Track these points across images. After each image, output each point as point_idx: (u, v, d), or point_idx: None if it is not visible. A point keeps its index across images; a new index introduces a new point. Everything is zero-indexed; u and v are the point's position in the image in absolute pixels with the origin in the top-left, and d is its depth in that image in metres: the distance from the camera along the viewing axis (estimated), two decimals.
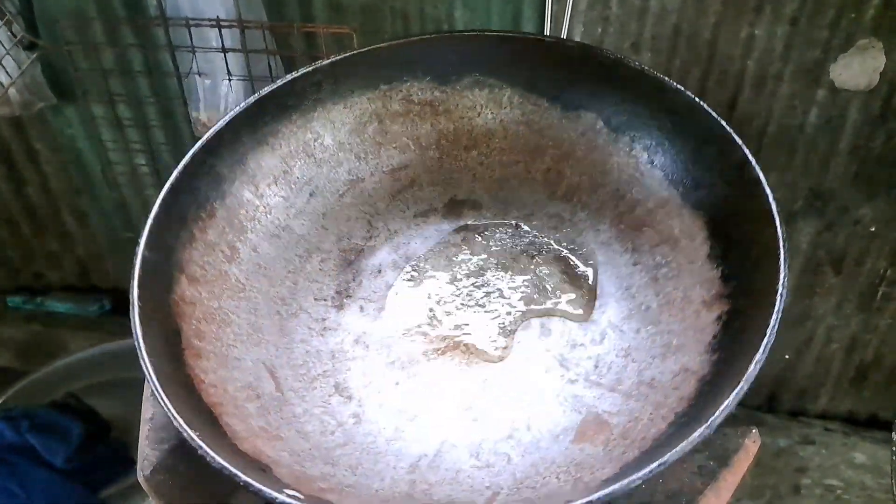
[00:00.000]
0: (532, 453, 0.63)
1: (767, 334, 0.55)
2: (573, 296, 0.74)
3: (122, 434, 1.22)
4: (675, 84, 0.72)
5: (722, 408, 0.52)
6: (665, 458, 0.51)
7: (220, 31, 1.06)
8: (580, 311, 0.73)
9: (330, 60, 0.77)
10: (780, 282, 0.58)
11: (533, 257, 0.78)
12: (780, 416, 1.44)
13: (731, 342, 0.62)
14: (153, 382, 0.56)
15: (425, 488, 0.60)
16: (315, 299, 0.74)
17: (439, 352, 0.71)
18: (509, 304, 0.75)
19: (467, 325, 0.74)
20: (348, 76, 0.79)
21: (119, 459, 1.19)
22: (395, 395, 0.68)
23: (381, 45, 0.78)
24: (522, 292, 0.75)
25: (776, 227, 0.61)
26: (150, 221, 0.65)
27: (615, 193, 0.77)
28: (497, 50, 0.79)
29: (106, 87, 1.22)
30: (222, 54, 1.08)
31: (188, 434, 0.53)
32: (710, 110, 0.69)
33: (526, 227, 0.80)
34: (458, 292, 0.76)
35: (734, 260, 0.66)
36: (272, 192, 0.76)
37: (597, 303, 0.73)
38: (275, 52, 1.12)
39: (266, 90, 0.75)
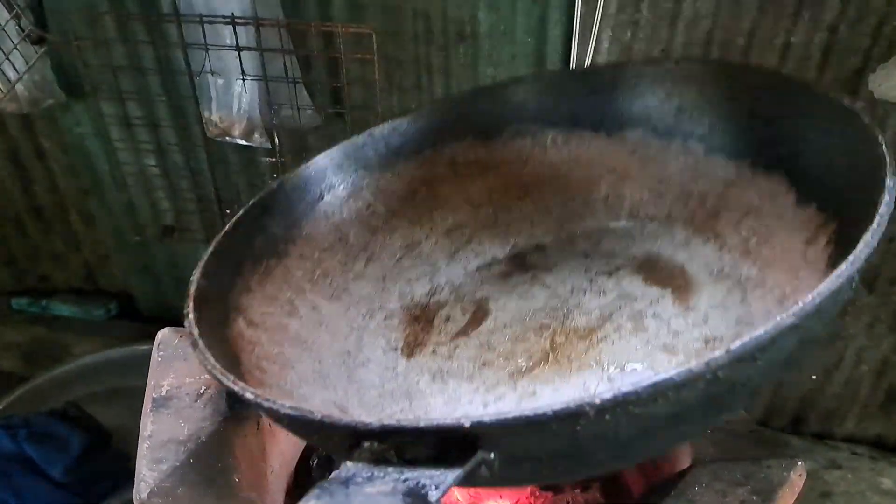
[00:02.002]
0: None
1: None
2: (663, 294, 0.70)
3: (123, 445, 1.19)
4: (702, 61, 0.72)
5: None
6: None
7: (234, 29, 1.03)
8: (673, 304, 0.69)
9: (370, 132, 0.77)
10: (887, 169, 0.51)
11: (610, 275, 0.75)
12: (806, 439, 1.39)
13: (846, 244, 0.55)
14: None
15: None
16: (383, 351, 0.72)
17: (527, 371, 0.67)
18: (594, 316, 0.71)
19: (553, 343, 0.70)
20: (394, 143, 0.78)
21: (119, 472, 1.16)
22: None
23: (420, 110, 0.79)
24: (607, 304, 0.72)
25: (863, 124, 0.56)
26: (206, 260, 0.61)
27: (681, 196, 0.74)
28: (529, 94, 0.79)
29: (116, 85, 1.19)
30: (236, 53, 1.05)
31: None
32: (746, 65, 0.70)
33: (596, 254, 0.77)
34: (536, 319, 0.72)
35: (825, 184, 0.62)
36: (328, 257, 0.74)
37: (690, 293, 0.69)
38: (291, 52, 1.09)
39: (309, 162, 0.75)
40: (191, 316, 0.54)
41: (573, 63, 0.98)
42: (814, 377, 1.31)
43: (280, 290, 0.69)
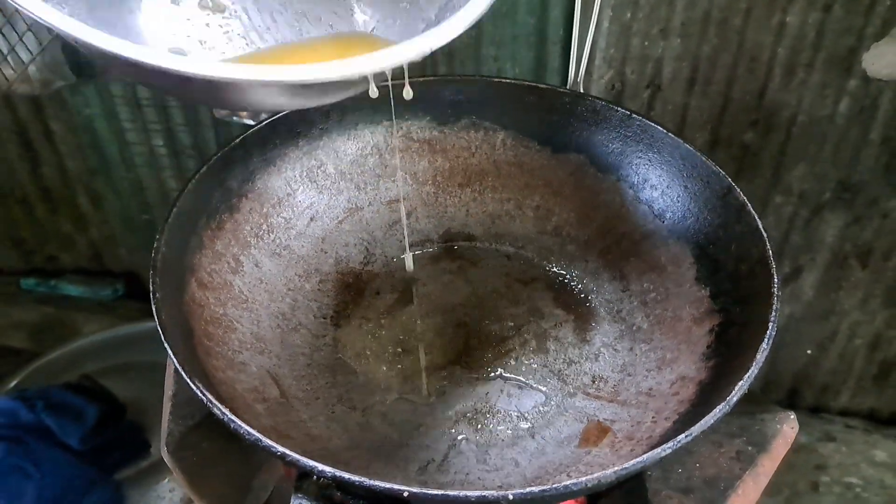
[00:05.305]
0: (539, 457, 0.66)
1: (771, 320, 0.59)
2: (566, 319, 0.79)
3: (136, 416, 1.22)
4: (659, 126, 0.78)
5: (739, 384, 0.55)
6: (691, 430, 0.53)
7: None
8: (573, 333, 0.78)
9: None
10: (774, 284, 0.62)
11: (526, 284, 0.82)
12: (801, 413, 1.40)
13: (727, 348, 0.65)
14: (178, 364, 0.57)
15: (437, 487, 0.63)
16: (314, 317, 0.78)
17: (440, 368, 0.74)
18: (506, 325, 0.78)
19: (466, 344, 0.77)
20: (355, 110, 0.83)
21: (134, 441, 1.19)
22: (399, 407, 0.71)
23: (386, 83, 0.85)
24: (518, 315, 0.79)
25: (765, 244, 0.65)
26: (169, 221, 0.68)
27: (602, 228, 0.82)
28: (493, 94, 0.85)
29: None
30: None
31: (222, 412, 0.55)
32: (691, 146, 0.76)
33: (518, 259, 0.85)
34: (456, 314, 0.80)
35: (722, 278, 0.70)
36: (275, 213, 0.80)
37: (589, 325, 0.78)
38: None
39: (278, 115, 0.80)
40: (158, 296, 0.61)
41: (574, 43, 0.99)
42: (808, 352, 1.33)
43: (228, 246, 0.75)
